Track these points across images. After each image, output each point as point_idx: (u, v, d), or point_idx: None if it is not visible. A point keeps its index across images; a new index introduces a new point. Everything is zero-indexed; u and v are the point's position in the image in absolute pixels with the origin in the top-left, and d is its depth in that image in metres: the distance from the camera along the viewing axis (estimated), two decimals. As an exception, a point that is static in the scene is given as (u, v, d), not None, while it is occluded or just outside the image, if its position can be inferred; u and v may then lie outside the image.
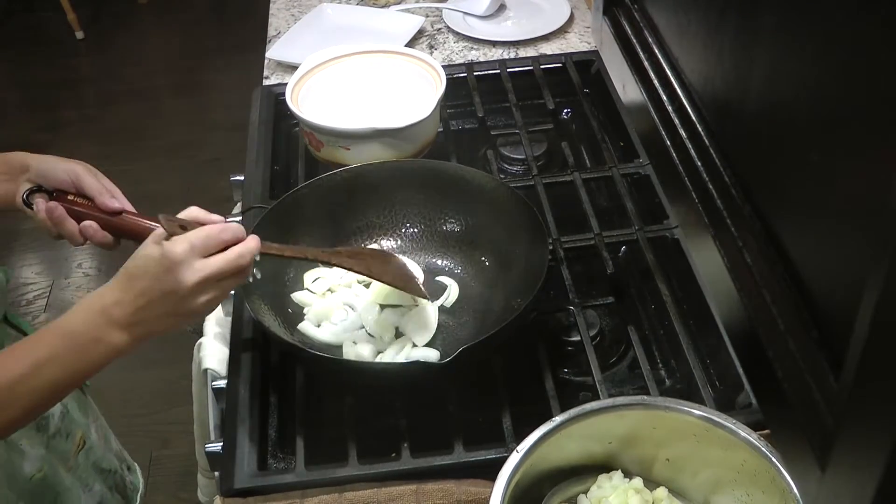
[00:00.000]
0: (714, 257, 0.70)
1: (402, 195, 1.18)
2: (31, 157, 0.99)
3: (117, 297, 0.84)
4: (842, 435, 0.48)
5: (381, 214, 1.18)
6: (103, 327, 0.83)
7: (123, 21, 4.05)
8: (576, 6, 1.75)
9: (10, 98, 3.67)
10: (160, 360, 2.34)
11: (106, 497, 1.20)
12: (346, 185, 1.16)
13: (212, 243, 0.85)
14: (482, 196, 1.13)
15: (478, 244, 1.15)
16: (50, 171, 0.97)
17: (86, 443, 1.17)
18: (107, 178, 0.99)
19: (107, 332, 0.83)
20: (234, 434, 0.97)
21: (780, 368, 0.58)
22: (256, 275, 1.01)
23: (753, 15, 0.62)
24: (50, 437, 1.09)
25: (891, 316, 0.41)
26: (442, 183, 1.16)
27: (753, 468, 0.80)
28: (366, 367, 1.00)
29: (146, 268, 0.83)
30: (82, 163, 0.99)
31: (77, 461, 1.14)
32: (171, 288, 0.83)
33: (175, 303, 0.84)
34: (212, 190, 2.75)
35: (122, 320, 0.83)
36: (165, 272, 0.82)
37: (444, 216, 1.17)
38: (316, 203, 1.15)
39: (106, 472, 1.22)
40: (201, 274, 0.83)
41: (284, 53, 1.63)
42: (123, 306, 0.83)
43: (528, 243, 1.06)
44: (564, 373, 1.06)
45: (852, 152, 0.49)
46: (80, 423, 1.17)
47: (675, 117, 0.80)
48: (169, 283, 0.83)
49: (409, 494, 0.89)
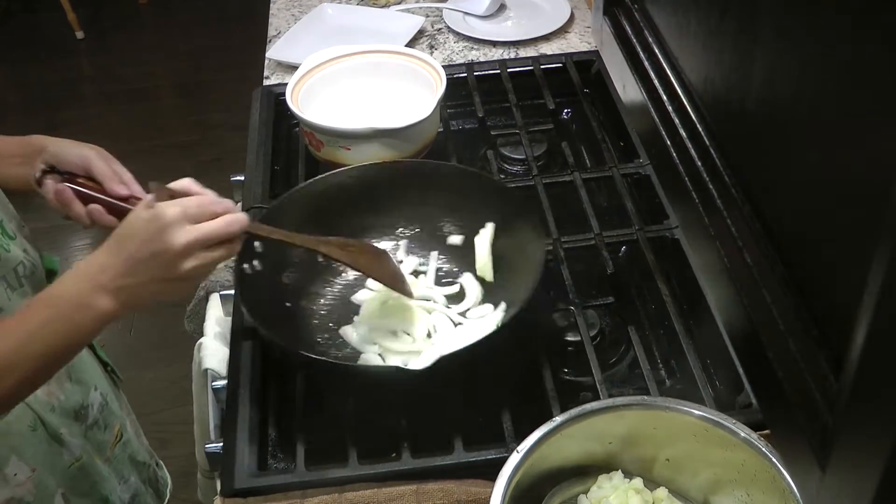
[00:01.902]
0: (714, 257, 0.70)
1: (400, 196, 1.18)
2: (48, 139, 1.02)
3: (104, 261, 0.84)
4: (842, 435, 0.48)
5: (379, 215, 1.18)
6: (90, 293, 0.83)
7: (123, 21, 4.06)
8: (576, 6, 1.75)
9: (10, 98, 3.67)
10: (160, 360, 2.34)
11: (140, 490, 1.22)
12: (345, 185, 1.16)
13: (203, 211, 0.87)
14: (480, 197, 1.13)
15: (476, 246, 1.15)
16: (63, 153, 0.99)
17: (123, 435, 1.18)
18: (119, 164, 1.01)
19: (93, 297, 0.83)
20: (234, 434, 0.97)
21: (780, 368, 0.58)
22: (256, 265, 1.01)
23: (753, 15, 0.62)
24: (88, 427, 1.10)
25: (891, 316, 0.41)
26: (440, 183, 1.16)
27: (753, 468, 0.80)
28: (348, 369, 0.99)
29: (135, 230, 0.84)
30: (96, 147, 1.01)
31: (114, 453, 1.16)
32: (160, 248, 0.83)
33: (162, 266, 0.84)
34: (212, 190, 2.75)
35: (108, 285, 0.83)
36: (156, 232, 0.83)
37: (443, 217, 1.17)
38: (314, 203, 1.14)
39: (141, 465, 1.24)
40: (190, 236, 0.84)
41: (284, 53, 1.63)
42: (110, 270, 0.84)
43: (526, 246, 1.06)
44: (564, 373, 1.06)
45: (852, 151, 0.49)
46: (118, 416, 1.19)
47: (675, 117, 0.80)
48: (157, 244, 0.83)
49: (409, 494, 0.89)
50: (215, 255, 0.88)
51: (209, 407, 1.16)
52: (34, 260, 1.03)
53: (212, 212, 0.87)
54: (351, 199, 1.17)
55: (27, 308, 0.86)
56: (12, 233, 0.99)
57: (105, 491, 1.12)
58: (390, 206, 1.18)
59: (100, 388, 1.13)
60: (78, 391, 1.08)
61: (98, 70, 3.80)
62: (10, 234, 0.99)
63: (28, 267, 1.01)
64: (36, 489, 1.01)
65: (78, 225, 1.01)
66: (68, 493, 1.06)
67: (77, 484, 1.07)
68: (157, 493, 1.29)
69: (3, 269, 0.96)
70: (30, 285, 1.01)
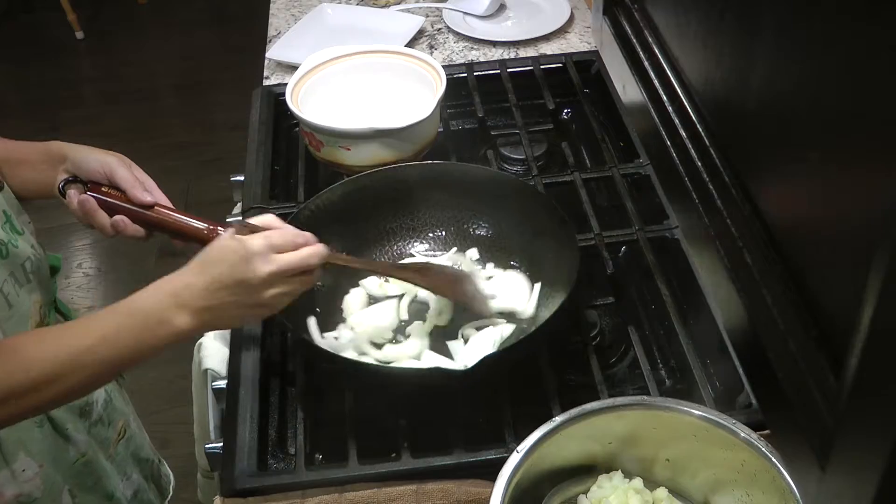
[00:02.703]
0: (714, 257, 0.70)
1: (428, 198, 1.18)
2: (68, 147, 1.02)
3: (189, 280, 0.87)
4: (842, 435, 0.48)
5: (410, 218, 1.19)
6: (171, 308, 0.85)
7: (123, 21, 4.05)
8: (576, 6, 1.75)
9: (10, 98, 3.67)
10: (160, 360, 2.33)
11: (142, 486, 1.22)
12: (371, 188, 1.16)
13: (287, 242, 0.90)
14: (509, 198, 1.14)
15: (507, 247, 1.15)
16: (84, 162, 1.00)
17: (126, 432, 1.19)
18: (141, 171, 1.02)
19: (173, 313, 0.85)
20: (234, 434, 0.97)
21: (780, 368, 0.58)
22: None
23: (753, 15, 0.62)
24: (92, 423, 1.10)
25: (891, 316, 0.41)
26: (468, 186, 1.16)
27: (753, 468, 0.80)
28: (385, 372, 0.99)
29: (223, 256, 0.87)
30: (118, 155, 1.02)
31: (117, 450, 1.17)
32: (245, 276, 0.86)
33: (245, 292, 0.87)
34: (212, 190, 2.75)
35: (189, 303, 0.86)
36: (242, 261, 0.86)
37: (473, 219, 1.18)
38: (343, 206, 1.14)
39: (143, 461, 1.24)
40: (274, 266, 0.87)
41: (284, 53, 1.63)
42: (193, 290, 0.86)
43: (556, 244, 1.07)
44: (565, 373, 1.06)
45: (852, 152, 0.49)
46: (122, 413, 1.19)
47: (675, 117, 0.80)
48: (243, 271, 0.86)
49: (409, 494, 0.89)
50: (296, 285, 0.91)
51: (209, 407, 1.16)
52: (41, 256, 1.03)
53: (294, 243, 0.91)
54: (376, 202, 1.17)
55: (106, 312, 0.87)
56: (20, 228, 1.00)
57: (110, 487, 1.12)
58: (416, 209, 1.18)
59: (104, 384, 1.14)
60: None
61: (98, 70, 3.80)
62: (19, 230, 0.99)
63: (35, 262, 1.01)
64: (44, 485, 1.01)
65: (78, 225, 1.01)
66: (74, 489, 1.06)
67: (83, 480, 1.08)
68: (160, 490, 1.29)
69: (12, 265, 0.97)
70: (36, 281, 1.01)
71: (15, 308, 0.95)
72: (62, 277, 2.73)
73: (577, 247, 1.04)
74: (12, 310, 0.95)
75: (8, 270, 0.96)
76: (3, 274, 0.95)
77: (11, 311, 0.95)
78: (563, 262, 1.04)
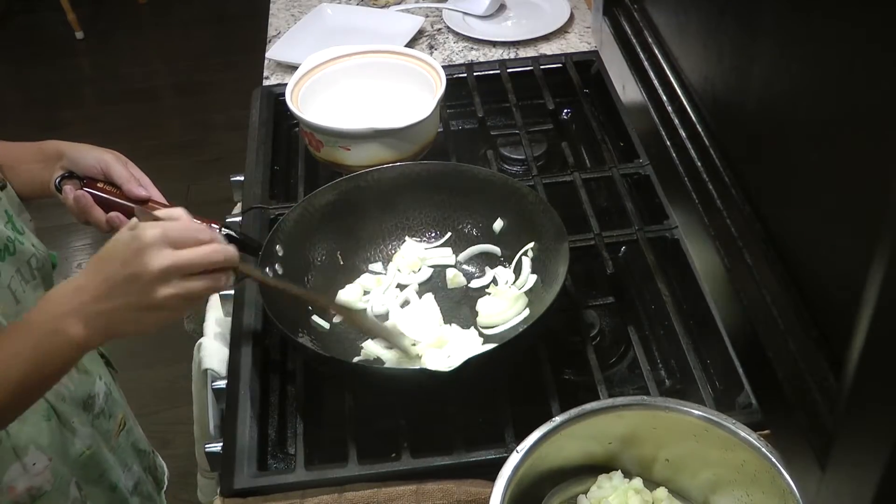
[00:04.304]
0: (714, 257, 0.70)
1: (420, 199, 1.17)
2: (64, 144, 1.03)
3: (81, 283, 0.81)
4: (842, 435, 0.48)
5: (405, 217, 1.18)
6: (60, 318, 0.79)
7: (123, 21, 4.06)
8: (576, 6, 1.75)
9: (10, 98, 3.67)
10: (160, 360, 2.34)
11: (142, 478, 1.22)
12: (365, 188, 1.16)
13: (186, 237, 0.82)
14: (505, 199, 1.13)
15: (501, 246, 1.15)
16: (80, 158, 1.01)
17: (126, 424, 1.19)
18: (137, 168, 1.02)
19: (63, 322, 0.79)
20: (234, 434, 0.97)
21: (780, 368, 0.58)
22: (277, 269, 1.03)
23: (753, 15, 0.62)
24: (95, 416, 1.11)
25: (891, 316, 0.41)
26: (466, 187, 1.16)
27: (753, 468, 0.80)
28: (370, 371, 0.99)
29: (114, 251, 0.81)
30: (113, 152, 1.03)
31: (118, 442, 1.17)
32: (136, 271, 0.79)
33: (137, 290, 0.79)
34: (212, 190, 2.75)
35: (80, 310, 0.79)
36: (133, 254, 0.79)
37: (467, 220, 1.17)
38: (337, 205, 1.14)
39: (142, 453, 1.25)
40: (167, 260, 0.79)
41: (284, 54, 1.63)
42: (84, 293, 0.80)
43: (549, 244, 1.07)
44: (564, 373, 1.06)
45: (851, 152, 0.49)
46: (121, 405, 1.19)
47: (675, 117, 0.80)
48: (133, 265, 0.79)
49: (409, 494, 0.89)
50: (195, 286, 0.82)
51: (209, 407, 1.16)
52: (43, 253, 1.04)
53: (196, 238, 0.82)
54: (369, 204, 1.16)
55: (4, 334, 0.83)
56: (21, 227, 1.00)
57: (113, 479, 1.13)
58: (410, 210, 1.18)
59: (103, 377, 1.14)
60: (85, 381, 1.09)
61: (98, 70, 3.80)
62: (19, 229, 1.00)
63: (39, 259, 1.02)
64: (53, 478, 1.01)
65: (77, 224, 1.02)
66: (81, 482, 1.07)
67: (88, 472, 1.08)
68: (156, 481, 1.29)
69: (18, 262, 0.97)
70: (41, 277, 1.02)
71: (22, 304, 0.96)
72: (61, 276, 2.72)
73: (568, 247, 1.03)
74: (19, 306, 0.95)
75: (15, 267, 0.97)
76: (11, 270, 0.96)
77: (19, 307, 0.95)
78: (555, 261, 1.04)
